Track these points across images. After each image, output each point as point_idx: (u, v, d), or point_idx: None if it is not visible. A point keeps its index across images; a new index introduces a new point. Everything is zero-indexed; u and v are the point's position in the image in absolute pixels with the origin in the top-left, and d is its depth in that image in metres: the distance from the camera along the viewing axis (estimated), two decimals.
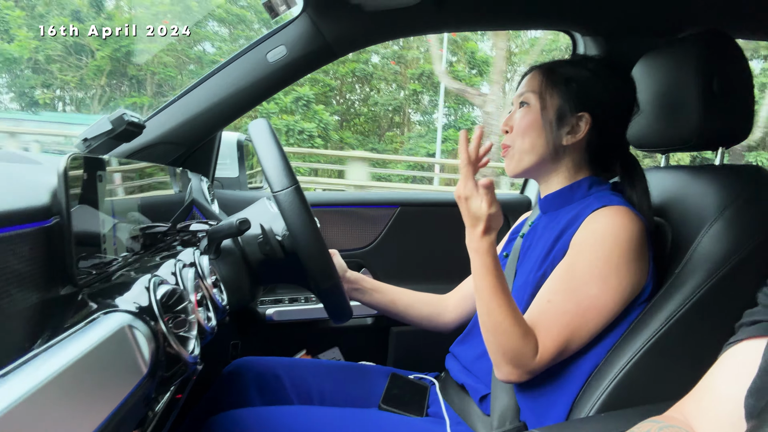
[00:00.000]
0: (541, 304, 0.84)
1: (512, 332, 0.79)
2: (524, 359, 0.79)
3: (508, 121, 0.97)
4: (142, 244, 0.75)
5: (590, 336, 0.82)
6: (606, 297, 0.81)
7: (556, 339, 0.80)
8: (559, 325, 0.81)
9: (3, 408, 0.32)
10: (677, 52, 0.96)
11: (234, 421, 0.86)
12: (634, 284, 0.83)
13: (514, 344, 0.79)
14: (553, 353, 0.80)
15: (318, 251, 0.89)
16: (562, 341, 0.80)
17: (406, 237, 1.64)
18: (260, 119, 0.91)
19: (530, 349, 0.80)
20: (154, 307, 0.53)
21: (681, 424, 0.54)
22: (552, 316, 0.82)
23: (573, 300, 0.81)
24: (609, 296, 0.81)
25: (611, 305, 0.81)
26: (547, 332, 0.81)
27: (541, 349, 0.80)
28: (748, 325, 0.54)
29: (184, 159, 1.30)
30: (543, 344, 0.80)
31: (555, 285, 0.84)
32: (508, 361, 0.80)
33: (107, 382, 0.43)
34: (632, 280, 0.82)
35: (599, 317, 0.81)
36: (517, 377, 0.81)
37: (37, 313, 0.47)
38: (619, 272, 0.80)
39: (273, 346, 1.54)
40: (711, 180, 0.90)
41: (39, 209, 0.50)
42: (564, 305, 0.81)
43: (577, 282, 0.81)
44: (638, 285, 0.83)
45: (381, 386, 1.08)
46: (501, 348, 0.80)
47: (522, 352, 0.79)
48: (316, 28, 1.16)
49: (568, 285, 0.82)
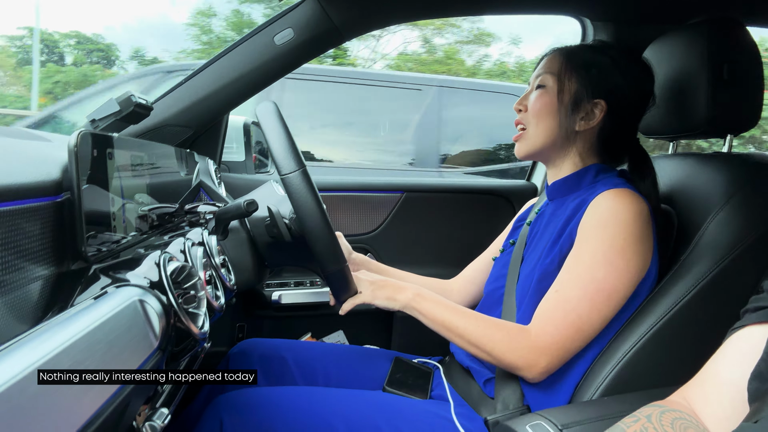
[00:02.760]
0: (549, 294, 0.85)
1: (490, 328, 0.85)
2: (518, 340, 0.82)
3: (522, 100, 0.97)
4: (150, 223, 0.76)
5: (602, 320, 0.82)
6: (613, 280, 0.80)
7: (558, 325, 0.81)
8: (563, 311, 0.81)
9: (15, 377, 0.33)
10: (687, 39, 0.95)
11: (239, 400, 0.87)
12: (641, 265, 0.83)
13: (498, 335, 0.84)
14: (558, 340, 0.81)
15: (325, 235, 0.89)
16: (568, 326, 0.81)
17: (411, 222, 1.65)
18: (268, 102, 0.91)
19: (514, 329, 0.84)
20: (165, 282, 0.54)
21: (684, 409, 0.54)
22: (556, 303, 0.82)
23: (578, 285, 0.81)
24: (617, 279, 0.81)
25: (620, 287, 0.81)
26: (549, 318, 0.82)
27: (540, 335, 0.81)
28: (753, 311, 0.54)
29: (192, 142, 1.31)
30: (543, 330, 0.82)
31: (563, 275, 0.84)
32: (509, 361, 0.83)
33: (118, 355, 0.43)
34: (639, 262, 0.82)
35: (609, 300, 0.81)
36: (534, 361, 0.82)
37: (48, 286, 0.48)
38: (624, 254, 0.80)
39: (278, 329, 1.56)
40: (718, 168, 0.90)
41: (50, 184, 0.51)
42: (570, 292, 0.82)
43: (583, 267, 0.82)
44: (645, 266, 0.83)
45: (385, 369, 1.09)
46: (494, 352, 0.84)
47: (509, 336, 0.83)
48: (324, 11, 1.15)
49: (574, 272, 0.83)
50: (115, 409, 0.42)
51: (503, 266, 1.02)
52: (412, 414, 0.90)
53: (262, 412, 0.84)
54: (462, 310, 0.90)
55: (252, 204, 0.90)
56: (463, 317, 0.88)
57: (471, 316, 0.88)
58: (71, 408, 0.37)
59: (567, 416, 0.68)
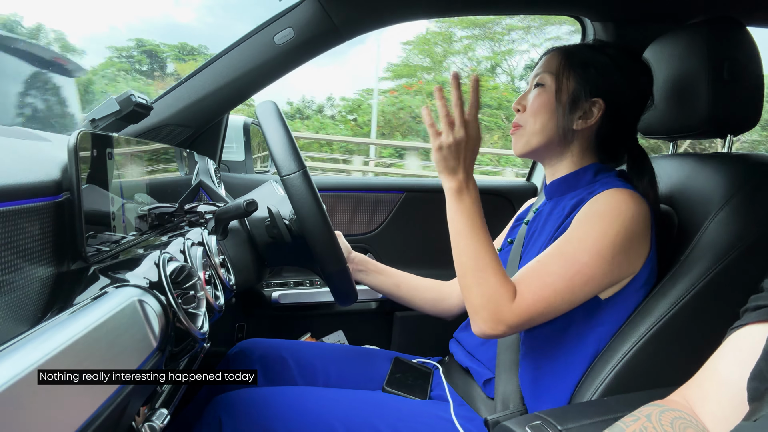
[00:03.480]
0: (530, 263, 0.83)
1: (490, 271, 0.80)
2: (500, 303, 0.78)
3: (521, 100, 0.97)
4: (149, 223, 0.76)
5: (572, 304, 0.81)
6: (596, 268, 0.79)
7: (535, 293, 0.79)
8: (541, 282, 0.79)
9: (15, 377, 0.33)
10: (687, 38, 0.95)
11: (239, 400, 0.87)
12: (630, 264, 0.82)
13: (491, 283, 0.79)
14: (530, 307, 0.78)
15: (325, 236, 0.89)
16: (541, 298, 0.79)
17: (411, 223, 1.65)
18: (268, 101, 0.91)
19: (506, 291, 0.79)
20: (164, 283, 0.53)
21: (683, 408, 0.54)
22: (537, 273, 0.81)
23: (561, 262, 0.80)
24: (600, 268, 0.79)
25: (600, 277, 0.80)
26: (527, 285, 0.80)
27: (518, 299, 0.79)
28: (753, 310, 0.54)
29: (191, 141, 1.31)
30: (521, 294, 0.79)
31: (549, 249, 0.83)
32: (484, 304, 0.79)
33: (117, 355, 0.43)
34: (628, 260, 0.81)
35: (585, 286, 0.80)
36: (492, 327, 0.79)
37: (48, 286, 0.48)
38: (614, 248, 0.79)
39: (278, 329, 1.56)
40: (718, 168, 0.90)
41: (49, 184, 0.50)
42: (551, 266, 0.80)
43: (570, 247, 0.81)
44: (633, 267, 0.83)
45: (384, 370, 1.09)
46: (479, 288, 0.80)
47: (499, 293, 0.79)
48: (324, 11, 1.15)
49: (559, 249, 0.82)
50: (114, 410, 0.42)
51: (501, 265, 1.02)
52: (412, 414, 0.90)
53: (261, 412, 0.84)
54: (485, 235, 0.85)
55: (252, 204, 0.90)
56: (480, 241, 0.83)
57: (487, 245, 0.83)
58: (70, 408, 0.37)
59: (567, 416, 0.68)
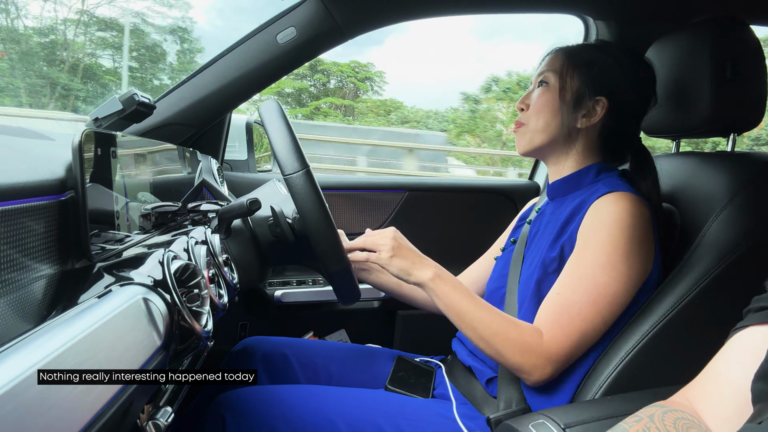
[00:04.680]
0: (550, 297, 0.84)
1: (506, 328, 0.82)
2: (532, 346, 0.80)
3: (525, 99, 0.97)
4: (153, 222, 0.76)
5: (605, 324, 0.82)
6: (616, 284, 0.80)
7: (564, 327, 0.80)
8: (568, 315, 0.81)
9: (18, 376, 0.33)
10: (691, 38, 0.95)
11: (242, 398, 0.87)
12: (643, 269, 0.83)
13: (513, 338, 0.81)
14: (566, 342, 0.80)
15: (328, 235, 0.89)
16: (574, 331, 0.80)
17: (414, 221, 1.65)
18: (271, 100, 0.91)
19: (530, 333, 0.81)
20: (169, 281, 0.54)
21: (686, 409, 0.54)
22: (561, 307, 0.82)
23: (581, 289, 0.81)
24: (619, 283, 0.80)
25: (622, 292, 0.81)
26: (555, 322, 0.81)
27: (549, 337, 0.80)
28: (756, 311, 0.54)
29: (194, 140, 1.31)
30: (552, 333, 0.80)
31: (564, 278, 0.84)
32: (520, 359, 0.81)
33: (122, 353, 0.43)
34: (641, 266, 0.82)
35: (611, 305, 0.81)
36: (540, 370, 0.81)
37: (52, 285, 0.48)
38: (627, 259, 0.80)
39: (281, 328, 1.56)
40: (721, 166, 0.90)
41: (54, 183, 0.51)
42: (573, 296, 0.81)
43: (585, 271, 0.81)
44: (646, 270, 0.83)
45: (387, 368, 1.09)
46: (509, 349, 0.81)
47: (524, 339, 0.80)
48: (326, 10, 1.15)
49: (576, 275, 0.82)
50: (118, 409, 0.42)
51: (504, 265, 1.02)
52: (414, 413, 0.90)
53: (264, 410, 0.84)
54: (479, 301, 0.87)
55: (255, 203, 0.90)
56: (480, 309, 0.85)
57: (487, 309, 0.85)
58: (74, 408, 0.37)
59: (570, 415, 0.68)
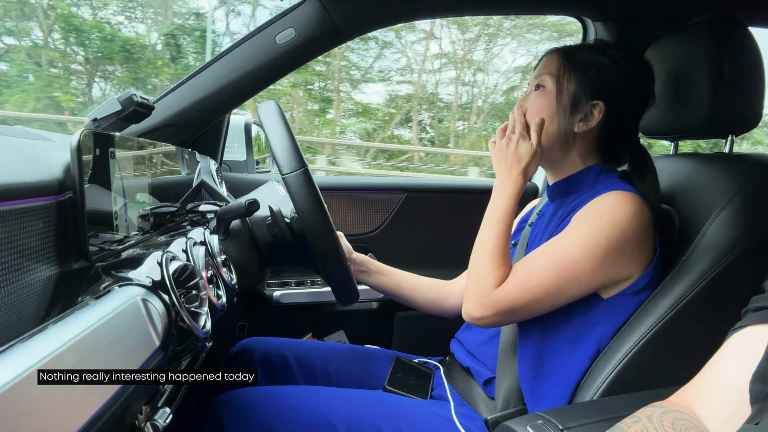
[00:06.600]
0: (524, 257, 0.86)
1: (487, 256, 0.85)
2: (485, 286, 0.83)
3: (522, 103, 0.95)
4: (152, 223, 0.76)
5: (556, 298, 0.82)
6: (586, 265, 0.79)
7: (519, 282, 0.82)
8: (527, 273, 0.82)
9: (17, 377, 0.33)
10: (689, 39, 0.95)
11: (240, 399, 0.87)
12: (624, 266, 0.82)
13: (483, 267, 0.84)
14: (512, 295, 0.81)
15: (327, 235, 0.89)
16: (525, 289, 0.81)
17: (413, 222, 1.65)
18: (269, 101, 0.91)
19: (494, 276, 0.83)
20: (167, 282, 0.54)
21: (684, 409, 0.54)
22: (525, 265, 0.83)
23: (551, 256, 0.81)
24: (589, 265, 0.80)
25: (589, 275, 0.80)
26: (514, 275, 0.83)
27: (502, 286, 0.82)
28: (754, 311, 0.54)
29: (193, 141, 1.31)
30: (506, 282, 0.82)
31: (542, 246, 0.85)
32: (473, 286, 0.85)
33: (120, 354, 0.43)
34: (622, 262, 0.81)
35: (573, 282, 0.80)
36: (473, 309, 0.84)
37: (51, 286, 0.48)
38: (607, 247, 0.79)
39: (279, 328, 1.56)
40: (720, 167, 0.90)
41: (52, 183, 0.51)
42: (540, 259, 0.82)
43: (562, 243, 0.82)
44: (630, 269, 0.83)
45: (386, 369, 1.09)
46: (474, 271, 0.85)
47: (486, 277, 0.83)
48: (325, 11, 1.16)
49: (552, 244, 0.83)
50: (117, 410, 0.42)
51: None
52: (413, 414, 0.90)
53: (262, 411, 0.85)
54: (498, 228, 0.88)
55: (254, 203, 0.90)
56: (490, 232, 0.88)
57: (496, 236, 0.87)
58: (73, 408, 0.37)
59: (568, 416, 0.68)
